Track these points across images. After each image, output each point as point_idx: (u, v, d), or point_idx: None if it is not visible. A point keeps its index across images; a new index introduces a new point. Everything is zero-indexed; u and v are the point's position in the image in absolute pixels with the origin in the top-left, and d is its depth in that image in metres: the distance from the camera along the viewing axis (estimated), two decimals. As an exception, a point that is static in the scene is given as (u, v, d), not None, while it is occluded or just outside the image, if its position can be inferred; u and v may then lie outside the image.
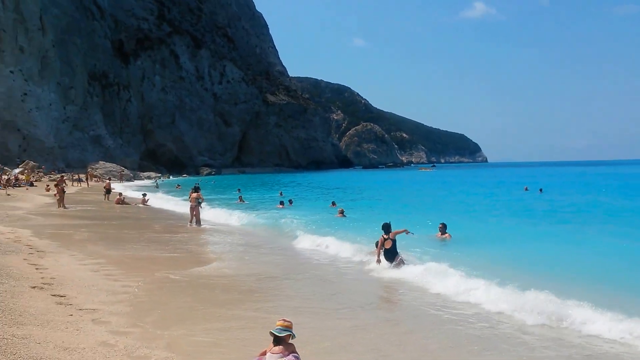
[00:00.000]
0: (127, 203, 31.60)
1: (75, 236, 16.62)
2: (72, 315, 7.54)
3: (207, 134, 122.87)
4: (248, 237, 18.15)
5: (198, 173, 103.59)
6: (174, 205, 31.86)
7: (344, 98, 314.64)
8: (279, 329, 5.17)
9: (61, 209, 26.07)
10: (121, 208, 29.49)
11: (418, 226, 20.00)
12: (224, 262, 12.99)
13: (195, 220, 20.98)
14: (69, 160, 75.78)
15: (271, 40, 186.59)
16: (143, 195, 34.20)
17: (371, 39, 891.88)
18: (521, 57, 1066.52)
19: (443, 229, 16.99)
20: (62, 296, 8.57)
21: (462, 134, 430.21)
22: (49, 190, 27.31)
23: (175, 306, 8.58)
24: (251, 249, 15.29)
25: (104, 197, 34.87)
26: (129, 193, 39.96)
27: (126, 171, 75.07)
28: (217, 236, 18.38)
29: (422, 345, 7.10)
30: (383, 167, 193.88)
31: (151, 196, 35.39)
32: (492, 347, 6.98)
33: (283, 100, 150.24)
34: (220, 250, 15.19)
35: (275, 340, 5.18)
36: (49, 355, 5.83)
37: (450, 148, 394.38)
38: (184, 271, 11.61)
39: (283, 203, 28.76)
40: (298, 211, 26.11)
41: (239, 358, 6.15)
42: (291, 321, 5.32)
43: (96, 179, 63.06)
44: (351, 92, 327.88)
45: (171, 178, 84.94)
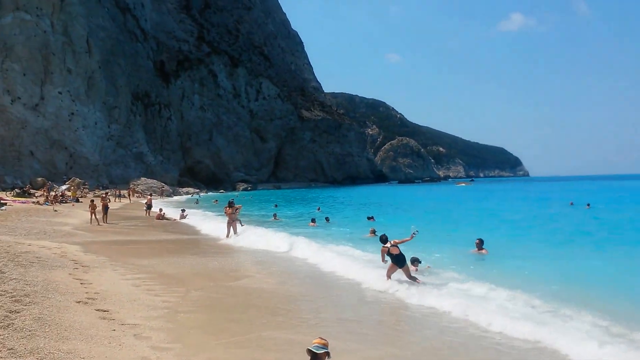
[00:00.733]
0: (167, 218, 32.26)
1: (117, 251, 17.06)
2: (115, 330, 7.74)
3: (244, 150, 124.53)
4: (280, 257, 18.21)
5: (234, 188, 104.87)
6: (212, 220, 32.35)
7: (379, 113, 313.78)
8: (316, 347, 5.36)
9: (104, 225, 26.85)
10: (161, 223, 30.12)
11: (455, 241, 19.81)
12: (262, 280, 13.05)
13: (232, 232, 21.63)
14: (113, 176, 77.95)
15: (306, 57, 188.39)
16: (182, 211, 34.93)
17: (406, 54, 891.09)
18: (562, 68, 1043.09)
19: (480, 245, 16.60)
20: (106, 311, 8.77)
21: (502, 148, 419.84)
22: (95, 205, 28.10)
23: (214, 323, 8.72)
24: (285, 268, 15.33)
25: (146, 213, 35.71)
26: (169, 208, 40.77)
27: (166, 187, 76.60)
28: (254, 255, 18.50)
29: None
30: (419, 182, 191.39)
31: (191, 212, 36.18)
32: None
33: (318, 115, 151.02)
34: (256, 268, 15.32)
35: (312, 357, 5.36)
36: (94, 370, 6.05)
37: (489, 162, 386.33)
38: (223, 287, 11.78)
39: (314, 221, 28.34)
40: (331, 230, 25.86)
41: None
42: (327, 340, 5.51)
43: (138, 195, 64.57)
44: (386, 107, 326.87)
45: (208, 193, 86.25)
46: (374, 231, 22.17)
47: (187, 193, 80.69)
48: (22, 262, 12.45)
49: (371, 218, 29.56)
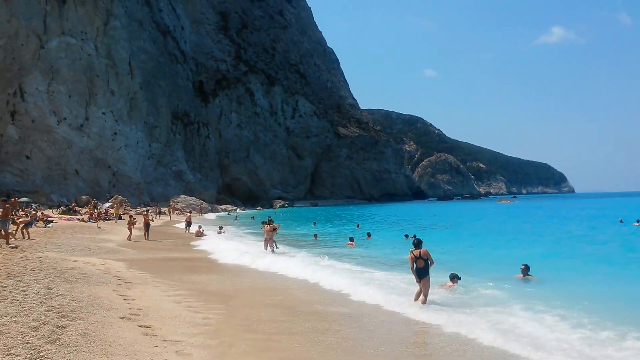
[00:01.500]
0: (206, 235, 32.67)
1: (158, 268, 17.29)
2: (157, 346, 7.78)
3: (280, 167, 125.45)
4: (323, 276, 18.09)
5: (271, 205, 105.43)
6: (248, 237, 32.61)
7: (417, 129, 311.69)
8: None
9: (145, 241, 27.35)
10: (200, 240, 30.49)
11: (497, 263, 19.24)
12: (302, 300, 13.01)
13: (270, 249, 21.86)
14: (153, 194, 79.59)
15: (342, 74, 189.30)
16: (220, 228, 35.37)
17: (442, 69, 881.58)
18: (605, 81, 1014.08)
19: (525, 271, 15.64)
20: (148, 327, 8.84)
21: (545, 163, 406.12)
22: (134, 222, 28.71)
23: (254, 340, 8.67)
24: (322, 297, 15.19)
25: (185, 230, 36.29)
26: (207, 225, 41.27)
27: (205, 204, 77.63)
28: (294, 271, 18.45)
29: None
30: (459, 199, 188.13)
31: (228, 228, 36.57)
32: None
33: (354, 132, 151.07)
34: (297, 285, 15.26)
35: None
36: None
37: (532, 178, 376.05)
38: (262, 304, 11.78)
39: (353, 240, 27.90)
40: (371, 249, 25.57)
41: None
42: None
43: (177, 212, 65.67)
44: (424, 123, 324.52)
45: (246, 211, 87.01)
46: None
47: (225, 210, 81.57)
48: (69, 278, 12.75)
49: (414, 238, 29.13)
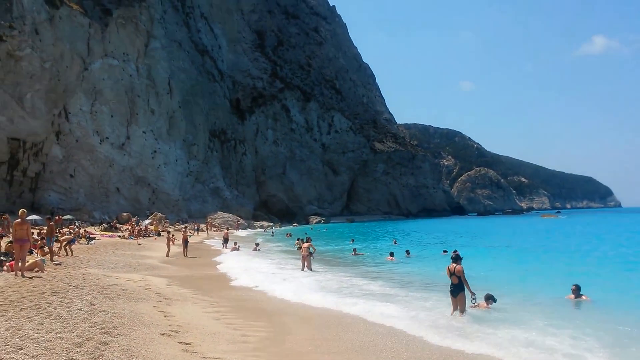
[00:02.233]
0: (241, 250, 32.90)
1: (197, 284, 17.40)
2: (197, 364, 7.75)
3: (317, 183, 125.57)
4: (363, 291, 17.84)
5: (308, 222, 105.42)
6: (283, 253, 32.62)
7: (455, 143, 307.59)
8: None
9: (184, 258, 27.64)
10: (237, 255, 30.67)
11: (544, 283, 18.46)
12: (341, 314, 12.84)
13: (306, 267, 21.73)
14: (191, 211, 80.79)
15: (378, 89, 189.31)
16: (256, 244, 35.57)
17: (480, 81, 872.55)
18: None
19: (576, 291, 14.83)
20: (188, 344, 8.88)
21: (590, 177, 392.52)
22: (173, 239, 29.09)
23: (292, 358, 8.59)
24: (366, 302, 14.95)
25: (222, 246, 36.61)
26: (243, 242, 41.55)
27: (241, 221, 78.28)
28: (333, 287, 18.28)
29: None
30: (500, 214, 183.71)
31: (264, 245, 36.73)
32: None
33: (391, 147, 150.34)
34: (335, 299, 15.07)
35: None
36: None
37: (577, 192, 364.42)
38: (298, 321, 11.66)
39: (392, 255, 27.79)
40: (411, 265, 25.18)
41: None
42: None
43: (215, 229, 66.43)
44: (462, 137, 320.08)
45: (282, 227, 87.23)
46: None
47: (262, 227, 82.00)
48: (111, 295, 12.92)
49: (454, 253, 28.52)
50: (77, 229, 36.84)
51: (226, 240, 37.56)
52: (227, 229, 53.60)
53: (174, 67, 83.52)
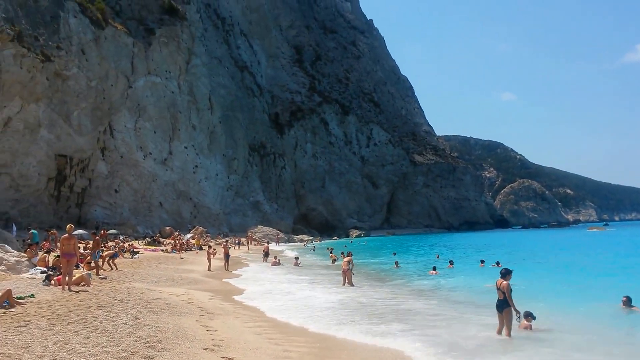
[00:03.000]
0: (282, 264, 32.79)
1: (239, 298, 17.31)
2: (241, 380, 7.61)
3: (356, 197, 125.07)
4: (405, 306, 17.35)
5: (348, 235, 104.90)
6: (324, 268, 32.33)
7: (497, 154, 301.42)
8: None
9: (226, 271, 27.68)
10: (277, 269, 30.57)
11: (593, 298, 17.59)
12: (383, 329, 12.46)
13: (347, 282, 21.35)
14: (232, 225, 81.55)
15: (416, 101, 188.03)
16: (296, 258, 35.43)
17: (521, 92, 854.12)
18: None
19: (628, 302, 14.32)
20: (231, 359, 8.87)
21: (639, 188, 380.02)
22: (214, 253, 29.20)
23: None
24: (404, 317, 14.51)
25: (263, 259, 36.61)
26: (283, 256, 41.52)
27: (281, 234, 78.46)
28: (377, 303, 17.87)
29: None
30: (545, 227, 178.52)
31: (305, 259, 36.54)
32: None
33: (431, 159, 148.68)
34: (378, 311, 14.68)
35: None
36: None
37: (625, 204, 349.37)
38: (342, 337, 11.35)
39: (435, 269, 27.22)
40: (455, 278, 24.58)
41: None
42: None
43: (255, 242, 66.74)
44: (504, 148, 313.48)
45: (322, 241, 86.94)
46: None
47: (302, 240, 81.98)
48: (155, 309, 12.92)
49: (496, 264, 27.69)
50: (122, 243, 37.52)
51: (266, 254, 37.57)
52: (267, 243, 53.74)
53: (214, 83, 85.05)
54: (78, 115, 52.45)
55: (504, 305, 11.23)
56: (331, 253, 40.73)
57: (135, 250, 34.34)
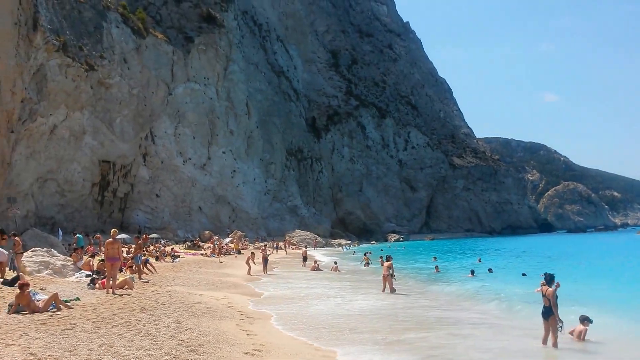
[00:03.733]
0: (321, 269, 32.63)
1: (277, 302, 17.26)
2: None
3: (394, 200, 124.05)
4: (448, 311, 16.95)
5: (386, 239, 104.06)
6: (362, 273, 32.07)
7: (539, 156, 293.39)
8: None
9: (265, 275, 27.75)
10: (316, 274, 30.45)
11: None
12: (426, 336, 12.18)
13: (387, 288, 20.99)
14: (270, 229, 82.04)
15: (455, 103, 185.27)
16: (335, 263, 35.25)
17: (564, 92, 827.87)
18: None
19: None
20: None
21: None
22: (253, 257, 29.32)
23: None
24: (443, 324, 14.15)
25: (302, 264, 36.57)
26: (322, 260, 41.40)
27: (319, 239, 78.45)
28: (417, 310, 17.53)
29: None
30: (592, 231, 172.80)
31: (344, 263, 36.34)
32: None
33: (471, 162, 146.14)
34: (417, 318, 14.37)
35: None
36: None
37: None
38: (381, 340, 11.13)
39: (473, 272, 26.75)
40: (494, 283, 23.96)
41: None
42: None
43: (293, 247, 66.92)
44: (547, 150, 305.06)
45: (360, 245, 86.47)
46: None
47: (339, 244, 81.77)
48: (196, 313, 13.00)
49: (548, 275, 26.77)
50: (163, 247, 38.14)
51: (305, 258, 37.53)
52: (305, 247, 53.82)
53: (252, 89, 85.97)
54: (120, 122, 53.80)
55: (550, 312, 10.89)
56: (364, 255, 40.72)
57: (176, 254, 34.84)
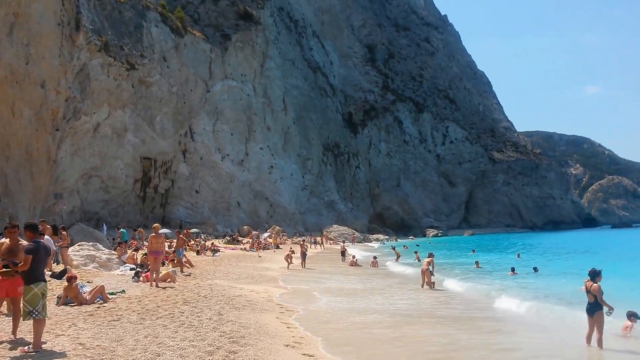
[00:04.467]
0: (360, 265, 32.50)
1: (316, 296, 17.29)
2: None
3: (432, 195, 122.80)
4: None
5: (424, 235, 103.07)
6: (400, 266, 31.78)
7: (583, 150, 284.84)
8: None
9: (303, 270, 27.88)
10: (354, 269, 30.35)
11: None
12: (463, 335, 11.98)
13: (426, 283, 20.73)
14: (307, 224, 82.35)
15: (495, 96, 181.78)
16: (374, 258, 35.04)
17: (608, 85, 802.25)
18: None
19: None
20: (311, 356, 8.90)
21: None
22: (292, 254, 29.45)
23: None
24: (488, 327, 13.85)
25: (341, 259, 36.54)
26: (360, 255, 41.25)
27: (357, 234, 78.21)
28: (456, 306, 17.26)
29: None
30: (638, 226, 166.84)
31: (383, 259, 36.13)
32: None
33: (511, 157, 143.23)
34: (455, 314, 14.14)
35: None
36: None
37: None
38: (421, 338, 11.03)
39: (514, 270, 26.06)
40: (534, 280, 23.35)
41: None
42: None
43: (331, 242, 66.96)
44: (591, 143, 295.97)
45: (397, 240, 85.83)
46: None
47: (377, 240, 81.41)
48: (236, 305, 13.15)
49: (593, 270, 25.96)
50: (203, 242, 38.76)
51: (343, 253, 37.51)
52: (343, 242, 53.81)
53: (288, 85, 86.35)
54: (161, 119, 54.90)
55: (595, 308, 10.54)
56: (394, 249, 41.03)
57: (216, 248, 35.35)
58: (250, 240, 47.71)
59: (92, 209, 45.90)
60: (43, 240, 9.00)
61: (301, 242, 39.35)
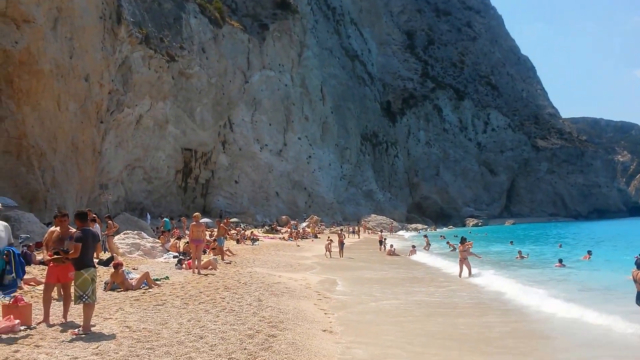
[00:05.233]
0: (398, 254, 32.44)
1: (354, 285, 17.43)
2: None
3: (472, 184, 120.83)
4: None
5: (464, 224, 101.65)
6: (440, 256, 31.47)
7: (631, 137, 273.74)
8: None
9: (341, 259, 28.07)
10: (392, 259, 30.35)
11: None
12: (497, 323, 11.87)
13: (466, 271, 20.52)
14: (346, 214, 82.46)
15: (539, 82, 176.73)
16: (412, 247, 34.91)
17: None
18: None
19: None
20: (348, 342, 9.03)
21: None
22: (331, 243, 29.63)
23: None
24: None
25: (379, 248, 36.57)
26: (400, 244, 41.13)
27: (395, 223, 77.84)
28: (498, 297, 17.06)
29: None
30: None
31: (421, 248, 36.00)
32: None
33: (556, 144, 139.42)
34: (495, 305, 13.99)
35: None
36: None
37: None
38: (455, 323, 11.01)
39: (561, 261, 24.69)
40: (583, 271, 22.70)
41: None
42: None
43: (369, 231, 66.94)
44: (639, 129, 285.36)
45: (436, 230, 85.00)
46: None
47: (416, 229, 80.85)
48: (275, 292, 13.45)
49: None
50: (243, 231, 39.43)
51: (381, 242, 37.49)
52: (381, 232, 53.74)
53: (326, 74, 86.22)
54: (200, 111, 55.78)
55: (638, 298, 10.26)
56: (425, 237, 42.44)
57: (255, 237, 35.91)
58: (288, 229, 48.20)
59: (136, 199, 47.18)
60: (93, 227, 9.43)
61: (339, 232, 39.48)
